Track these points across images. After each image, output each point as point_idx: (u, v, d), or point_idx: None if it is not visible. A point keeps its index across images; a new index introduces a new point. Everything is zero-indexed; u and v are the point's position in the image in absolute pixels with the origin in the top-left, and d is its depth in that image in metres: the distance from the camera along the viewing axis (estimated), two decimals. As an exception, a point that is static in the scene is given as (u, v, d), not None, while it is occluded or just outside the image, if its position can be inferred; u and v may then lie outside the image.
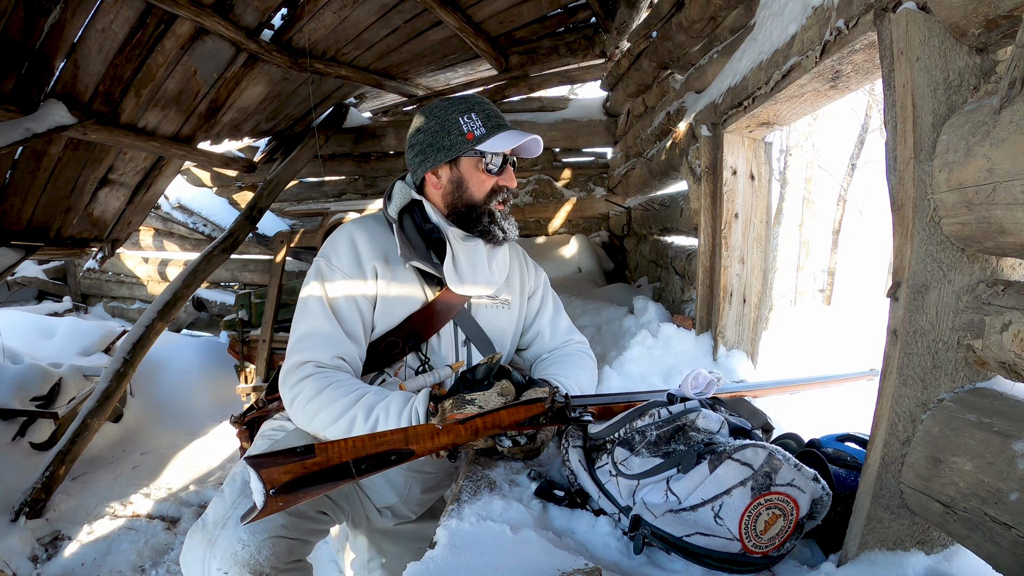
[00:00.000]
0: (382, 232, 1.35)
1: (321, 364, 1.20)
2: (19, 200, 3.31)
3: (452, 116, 1.29)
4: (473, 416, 1.00)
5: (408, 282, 1.31)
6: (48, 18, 2.33)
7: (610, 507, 0.94)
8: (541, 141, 1.33)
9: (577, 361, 1.47)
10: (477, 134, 1.28)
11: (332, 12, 3.11)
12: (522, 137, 1.29)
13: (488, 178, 1.31)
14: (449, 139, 1.29)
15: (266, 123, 4.34)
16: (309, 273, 1.32)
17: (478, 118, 1.29)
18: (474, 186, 1.31)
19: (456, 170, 1.31)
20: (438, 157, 1.30)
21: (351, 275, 1.27)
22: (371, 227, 1.35)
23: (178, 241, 6.28)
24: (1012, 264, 0.77)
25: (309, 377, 1.18)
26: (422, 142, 1.32)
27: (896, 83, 0.82)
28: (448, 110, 1.31)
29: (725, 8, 2.17)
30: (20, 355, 4.11)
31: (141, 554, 2.96)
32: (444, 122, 1.30)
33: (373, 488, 1.39)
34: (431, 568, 0.77)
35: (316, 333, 1.23)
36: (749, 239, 2.03)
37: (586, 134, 5.02)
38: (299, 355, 1.22)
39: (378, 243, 1.32)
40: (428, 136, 1.31)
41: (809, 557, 0.90)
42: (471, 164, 1.31)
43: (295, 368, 1.21)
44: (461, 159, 1.30)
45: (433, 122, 1.31)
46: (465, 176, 1.31)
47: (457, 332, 1.36)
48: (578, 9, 3.97)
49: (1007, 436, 0.66)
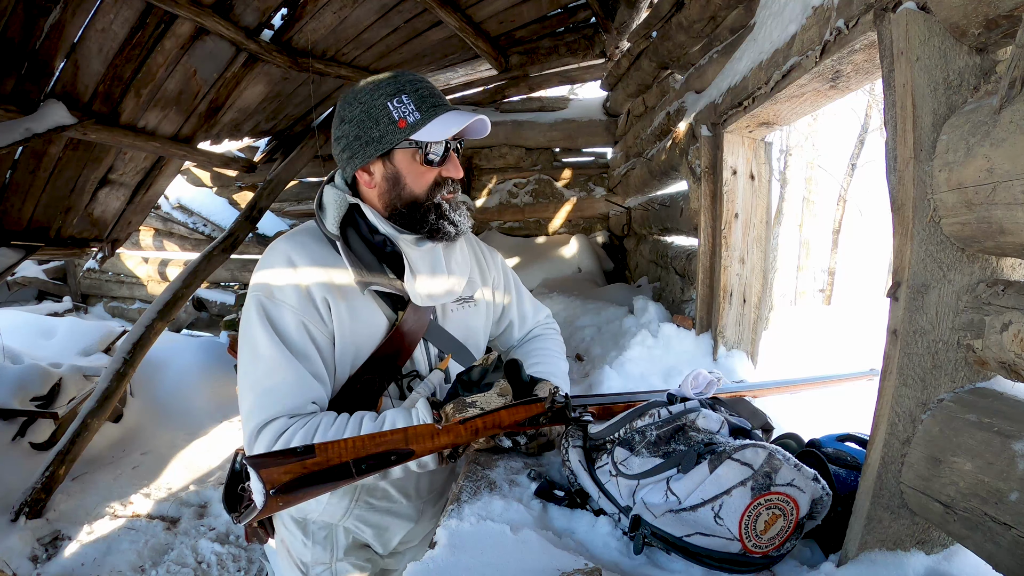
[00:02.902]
0: (323, 251, 1.14)
1: (294, 415, 1.03)
2: (19, 200, 3.31)
3: (379, 101, 1.08)
4: (474, 416, 1.00)
5: (367, 308, 1.14)
6: (48, 18, 2.33)
7: (610, 507, 0.94)
8: (487, 121, 1.13)
9: (552, 346, 1.44)
10: (410, 121, 1.07)
11: (332, 12, 3.11)
12: (464, 119, 1.08)
13: (428, 170, 1.12)
14: (378, 129, 1.08)
15: (266, 123, 4.34)
16: (248, 314, 1.09)
17: (410, 101, 1.08)
18: (412, 181, 1.11)
19: (390, 165, 1.11)
20: (367, 152, 1.10)
21: (301, 308, 1.08)
22: (310, 246, 1.13)
23: (178, 241, 6.28)
24: (1012, 264, 0.77)
25: (286, 432, 1.01)
26: (347, 134, 1.12)
27: (896, 83, 0.82)
28: (374, 95, 1.09)
29: (725, 8, 2.17)
30: (20, 355, 4.11)
31: (141, 554, 2.97)
32: (371, 109, 1.09)
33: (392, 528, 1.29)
34: (431, 568, 0.77)
35: (279, 385, 1.03)
36: (749, 239, 2.04)
37: (586, 134, 5.02)
38: (263, 414, 1.02)
39: (322, 267, 1.11)
40: (354, 127, 1.10)
41: (809, 557, 0.90)
42: (407, 156, 1.10)
43: (261, 430, 1.01)
44: (395, 151, 1.10)
45: (358, 110, 1.10)
46: (401, 171, 1.11)
47: (428, 347, 1.22)
48: (578, 9, 3.98)
49: (1007, 436, 0.66)
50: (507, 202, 5.18)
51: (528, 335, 1.51)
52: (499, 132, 5.05)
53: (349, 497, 1.23)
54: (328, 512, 1.23)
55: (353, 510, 1.24)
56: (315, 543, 1.24)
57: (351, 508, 1.24)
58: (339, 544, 1.25)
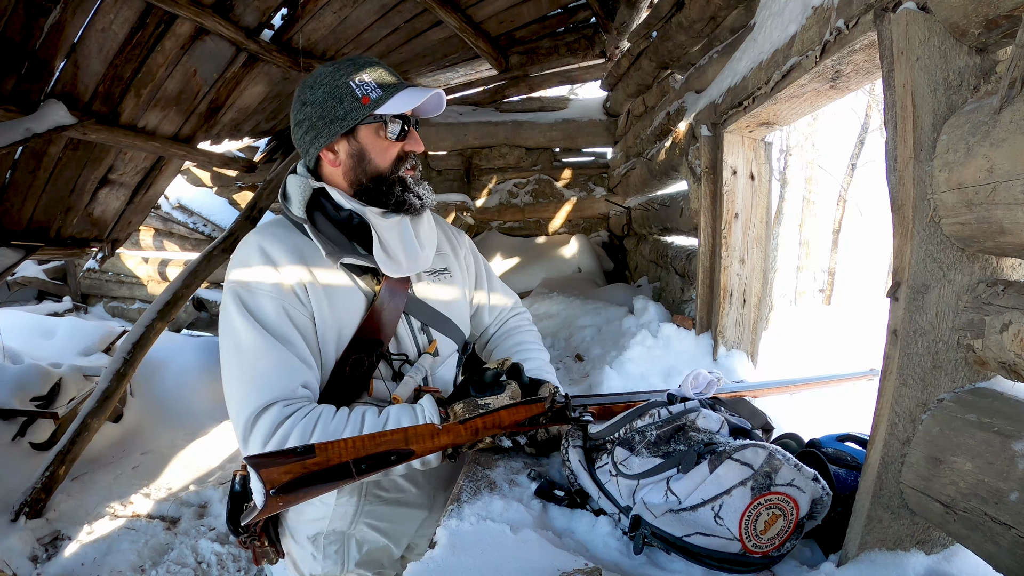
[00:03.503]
0: (294, 238, 1.16)
1: (290, 400, 1.02)
2: (19, 200, 3.31)
3: (341, 81, 1.13)
4: (474, 416, 1.00)
5: (343, 286, 1.15)
6: (48, 18, 2.33)
7: (610, 507, 0.94)
8: (443, 95, 1.17)
9: (532, 339, 1.46)
10: (373, 97, 1.12)
11: (332, 12, 3.11)
12: (424, 93, 1.13)
13: (392, 144, 1.16)
14: (342, 107, 1.12)
15: (266, 123, 4.34)
16: (226, 309, 1.10)
17: (371, 79, 1.13)
18: (377, 155, 1.16)
19: (355, 141, 1.15)
20: (332, 130, 1.13)
21: (278, 294, 1.08)
22: (280, 235, 1.16)
23: (178, 241, 6.28)
24: (1012, 264, 0.77)
25: (287, 421, 0.99)
26: (310, 116, 1.14)
27: (896, 83, 0.82)
28: (335, 76, 1.13)
29: (725, 8, 2.17)
30: (20, 355, 4.11)
31: (141, 554, 2.96)
32: (333, 89, 1.13)
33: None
34: (431, 568, 0.77)
35: (266, 371, 1.02)
36: (749, 239, 2.04)
37: (586, 134, 5.02)
38: (256, 401, 1.00)
39: (295, 252, 1.13)
40: (317, 109, 1.14)
41: (809, 557, 0.90)
42: (371, 132, 1.15)
43: (256, 418, 0.99)
44: (359, 128, 1.14)
45: (320, 92, 1.14)
46: (366, 146, 1.15)
47: (411, 321, 1.23)
48: (578, 9, 3.98)
49: (1007, 436, 0.66)
50: (507, 202, 5.18)
51: (504, 325, 1.51)
52: (499, 132, 5.05)
53: (357, 494, 1.21)
54: (339, 515, 1.20)
55: (363, 507, 1.22)
56: (325, 557, 1.21)
57: (361, 505, 1.21)
58: (350, 556, 1.22)
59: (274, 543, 1.25)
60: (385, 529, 1.24)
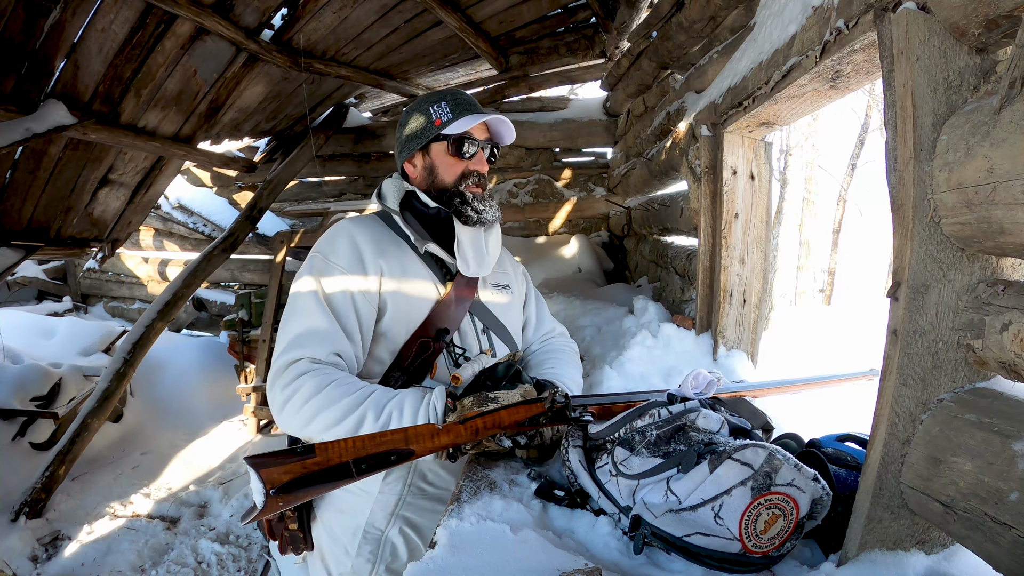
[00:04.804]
0: (382, 230, 1.34)
1: (317, 360, 1.15)
2: (19, 200, 3.32)
3: (425, 107, 1.34)
4: (474, 416, 1.00)
5: (419, 276, 1.30)
6: (48, 18, 2.33)
7: (610, 507, 0.94)
8: (510, 124, 1.34)
9: (567, 358, 1.51)
10: (444, 119, 1.31)
11: (332, 12, 3.11)
12: (483, 116, 1.32)
13: (457, 162, 1.33)
14: (421, 129, 1.33)
15: (266, 123, 4.34)
16: (302, 269, 1.27)
17: (447, 106, 1.32)
18: (444, 170, 1.34)
19: (428, 157, 1.35)
20: (411, 146, 1.35)
21: (351, 272, 1.23)
22: (370, 225, 1.33)
23: (178, 241, 6.28)
24: (1012, 264, 0.77)
25: (306, 374, 1.11)
26: (402, 135, 1.38)
27: (896, 83, 0.82)
28: (422, 103, 1.35)
29: (725, 8, 2.17)
30: (20, 355, 4.11)
31: (141, 554, 2.96)
32: (418, 114, 1.35)
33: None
34: (431, 568, 0.77)
35: (311, 331, 1.17)
36: (749, 239, 2.03)
37: (586, 134, 5.01)
38: (291, 353, 1.15)
39: (380, 241, 1.29)
40: (407, 129, 1.36)
41: (809, 557, 0.90)
42: (440, 149, 1.33)
43: (287, 366, 1.14)
44: (432, 145, 1.34)
45: (411, 116, 1.36)
46: (435, 161, 1.34)
47: (475, 321, 1.35)
48: (578, 9, 3.97)
49: (1007, 436, 0.66)
50: (507, 202, 5.18)
51: (546, 343, 1.57)
52: (499, 132, 5.04)
53: (402, 482, 1.21)
54: (381, 505, 1.20)
55: (406, 498, 1.21)
56: (359, 555, 1.20)
57: (404, 496, 1.21)
58: (384, 557, 1.20)
59: (305, 535, 1.27)
60: (422, 526, 1.22)
